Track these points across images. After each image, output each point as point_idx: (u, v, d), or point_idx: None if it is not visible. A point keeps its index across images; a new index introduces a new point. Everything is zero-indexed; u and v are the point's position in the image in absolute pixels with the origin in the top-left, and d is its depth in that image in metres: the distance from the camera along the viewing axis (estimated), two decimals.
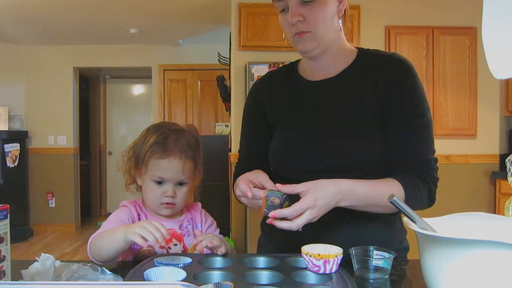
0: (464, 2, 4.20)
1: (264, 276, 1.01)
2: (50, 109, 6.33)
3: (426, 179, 1.18)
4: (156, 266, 1.04)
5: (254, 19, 4.14)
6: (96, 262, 1.16)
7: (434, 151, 1.22)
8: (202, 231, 1.36)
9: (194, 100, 6.68)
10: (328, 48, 1.25)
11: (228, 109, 4.72)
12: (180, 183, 1.30)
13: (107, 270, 1.00)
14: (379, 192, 1.12)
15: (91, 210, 7.51)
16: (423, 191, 1.17)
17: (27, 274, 0.99)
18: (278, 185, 1.07)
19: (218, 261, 1.12)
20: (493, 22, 0.89)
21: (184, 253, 1.28)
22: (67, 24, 5.31)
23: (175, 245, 1.31)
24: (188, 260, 1.09)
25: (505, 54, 0.89)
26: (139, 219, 1.32)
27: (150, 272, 1.00)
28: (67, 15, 4.94)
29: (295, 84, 1.34)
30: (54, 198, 6.39)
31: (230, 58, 4.48)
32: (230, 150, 4.36)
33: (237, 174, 1.33)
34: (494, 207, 4.19)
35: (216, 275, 1.01)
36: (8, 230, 0.92)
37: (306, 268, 1.02)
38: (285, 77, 1.38)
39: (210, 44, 6.13)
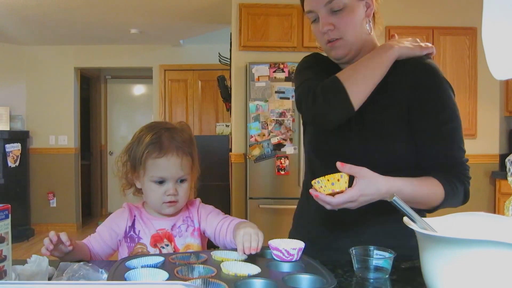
0: (464, 3, 4.22)
1: (240, 266, 1.02)
2: (51, 109, 6.32)
3: (462, 179, 1.21)
4: (132, 268, 1.00)
5: (255, 19, 4.16)
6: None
7: (465, 152, 1.24)
8: (201, 225, 1.36)
9: (195, 100, 6.68)
10: (360, 52, 1.28)
11: (229, 109, 4.73)
12: (181, 180, 1.30)
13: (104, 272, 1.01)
14: (424, 192, 1.16)
15: (92, 210, 7.51)
16: (460, 190, 1.21)
17: (22, 275, 1.00)
18: (338, 164, 1.07)
19: (192, 258, 1.11)
20: (493, 23, 0.89)
21: (157, 254, 1.21)
22: (68, 24, 5.32)
23: (166, 245, 1.30)
24: (161, 259, 1.06)
25: (505, 55, 0.89)
26: (133, 221, 1.33)
27: (130, 275, 0.96)
28: (68, 15, 4.95)
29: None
30: (55, 198, 6.39)
31: (230, 58, 4.49)
32: (230, 150, 4.37)
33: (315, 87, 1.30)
34: (494, 207, 4.21)
35: (196, 271, 1.00)
36: (9, 229, 0.92)
37: (275, 259, 1.09)
38: (331, 65, 1.37)
39: (211, 44, 6.13)
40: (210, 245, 1.41)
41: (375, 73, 1.19)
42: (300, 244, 1.09)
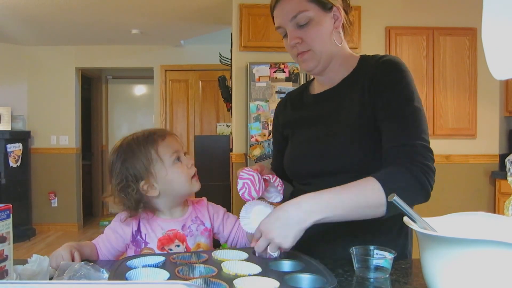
0: (464, 3, 4.22)
1: (241, 266, 1.03)
2: (52, 109, 6.34)
3: (409, 167, 1.09)
4: (133, 268, 1.00)
5: (255, 19, 4.16)
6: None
7: (424, 139, 1.14)
8: (213, 225, 1.37)
9: (196, 100, 6.69)
10: (330, 62, 1.31)
11: (230, 109, 4.73)
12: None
13: (105, 272, 1.02)
14: (351, 193, 1.07)
15: (93, 210, 7.52)
16: (408, 181, 1.08)
17: (23, 275, 1.00)
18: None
19: (192, 257, 1.11)
20: (493, 23, 0.89)
21: (156, 253, 1.23)
22: (69, 24, 5.32)
23: (178, 246, 1.29)
24: (161, 258, 1.07)
25: (504, 55, 0.89)
26: (139, 225, 1.31)
27: (132, 275, 0.96)
28: (69, 15, 4.95)
29: (304, 101, 1.43)
30: (56, 198, 6.41)
31: (231, 59, 4.48)
32: (231, 150, 4.38)
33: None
34: (494, 207, 4.21)
35: (197, 270, 1.00)
36: (10, 229, 0.92)
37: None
38: (298, 96, 1.47)
39: (212, 45, 6.14)
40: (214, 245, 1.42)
41: None
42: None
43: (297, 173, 1.38)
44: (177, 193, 1.32)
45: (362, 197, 1.07)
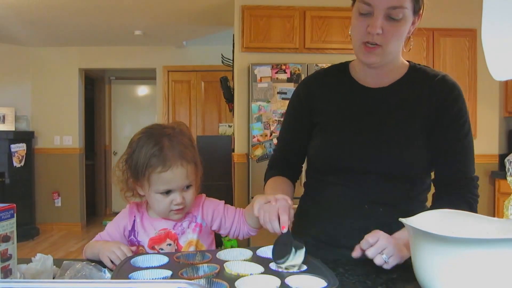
0: (464, 5, 4.24)
1: (243, 266, 1.03)
2: (56, 109, 6.36)
3: (468, 199, 1.23)
4: (137, 268, 1.00)
5: (257, 21, 4.18)
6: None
7: (474, 170, 1.28)
8: (205, 220, 1.33)
9: (198, 101, 6.71)
10: (389, 61, 1.28)
11: (232, 109, 4.75)
12: (187, 187, 1.26)
13: (107, 271, 1.03)
14: None
15: (96, 209, 7.54)
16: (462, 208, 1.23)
17: (27, 274, 1.00)
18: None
19: (197, 256, 1.11)
20: (493, 25, 0.91)
21: (162, 253, 1.21)
22: (73, 26, 5.35)
23: (169, 244, 1.28)
24: (165, 259, 1.06)
25: (504, 56, 0.91)
26: (133, 225, 1.31)
27: (135, 276, 0.96)
28: (72, 17, 4.98)
29: (348, 87, 1.36)
30: (60, 198, 6.43)
31: (233, 60, 4.50)
32: (233, 150, 4.40)
33: (271, 167, 1.50)
34: (494, 206, 4.23)
35: (200, 270, 1.01)
36: (14, 229, 0.92)
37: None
38: (338, 78, 1.39)
39: (214, 46, 6.16)
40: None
41: None
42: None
43: (334, 167, 1.33)
44: (154, 212, 1.30)
45: None
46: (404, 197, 1.29)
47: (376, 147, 1.27)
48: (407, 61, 1.36)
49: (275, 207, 1.12)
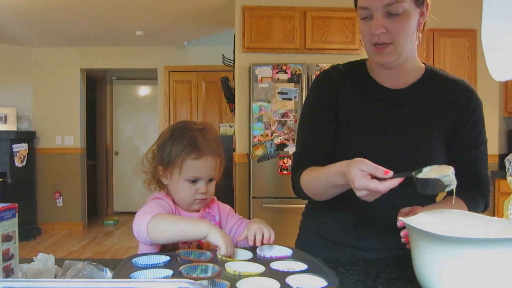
0: (464, 5, 4.25)
1: (244, 265, 1.03)
2: (57, 110, 6.38)
3: (485, 195, 1.32)
4: (138, 267, 1.01)
5: (258, 21, 4.19)
6: (151, 242, 1.18)
7: (488, 169, 1.35)
8: (221, 221, 1.39)
9: (199, 101, 6.72)
10: (403, 60, 1.26)
11: (232, 110, 4.75)
12: (210, 179, 1.33)
13: (108, 271, 1.03)
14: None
15: (97, 209, 7.55)
16: (481, 204, 1.32)
17: (29, 273, 1.01)
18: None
19: (197, 255, 1.11)
20: (493, 25, 0.93)
21: (163, 252, 1.20)
22: (74, 26, 5.37)
23: None
24: (166, 258, 1.07)
25: (504, 56, 0.92)
26: (170, 209, 1.32)
27: (136, 276, 0.96)
28: (74, 17, 5.00)
29: (368, 87, 1.34)
30: (61, 197, 6.46)
31: (234, 60, 4.50)
32: (234, 150, 4.41)
33: (299, 169, 1.34)
34: (494, 206, 4.23)
35: (201, 269, 1.01)
36: (16, 228, 0.92)
37: (282, 258, 1.09)
38: (358, 77, 1.37)
39: (215, 46, 6.17)
40: None
41: (329, 191, 1.23)
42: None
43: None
44: (177, 201, 1.34)
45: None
46: (418, 199, 1.23)
47: (397, 150, 1.28)
48: (423, 63, 1.37)
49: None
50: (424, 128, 1.28)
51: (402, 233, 1.12)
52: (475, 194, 1.30)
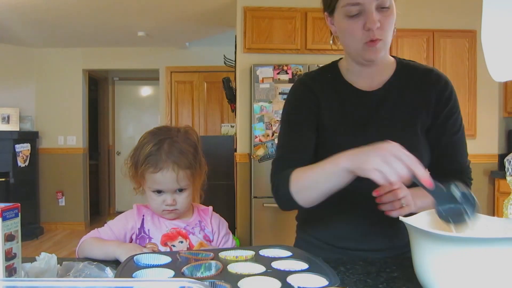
0: (464, 6, 4.27)
1: (245, 265, 1.03)
2: (60, 110, 6.39)
3: (467, 183, 1.30)
4: (140, 266, 1.01)
5: (259, 22, 4.21)
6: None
7: (468, 154, 1.33)
8: (213, 241, 1.37)
9: (201, 101, 6.73)
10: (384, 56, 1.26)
11: (234, 110, 4.77)
12: (180, 190, 1.30)
13: (109, 270, 1.04)
14: None
15: (100, 209, 7.56)
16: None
17: (31, 272, 1.01)
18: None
19: (199, 255, 1.10)
20: (493, 26, 0.94)
21: (165, 252, 1.22)
22: (77, 27, 5.39)
23: (181, 242, 1.31)
24: (168, 258, 1.07)
25: (504, 57, 0.94)
26: (142, 222, 1.33)
27: (138, 275, 0.96)
28: (76, 18, 5.02)
29: (344, 90, 1.31)
30: (64, 197, 6.47)
31: (235, 60, 4.51)
32: (235, 150, 4.43)
33: (281, 171, 1.27)
34: (493, 206, 4.26)
35: (202, 268, 1.01)
36: (19, 228, 0.92)
37: (283, 258, 1.08)
38: (330, 79, 1.34)
39: (216, 47, 6.16)
40: None
41: (325, 184, 1.11)
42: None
43: None
44: (152, 209, 1.36)
45: None
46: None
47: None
48: (393, 57, 1.35)
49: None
50: (405, 124, 1.26)
51: (374, 193, 1.13)
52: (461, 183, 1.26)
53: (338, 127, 1.29)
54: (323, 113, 1.30)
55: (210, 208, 1.43)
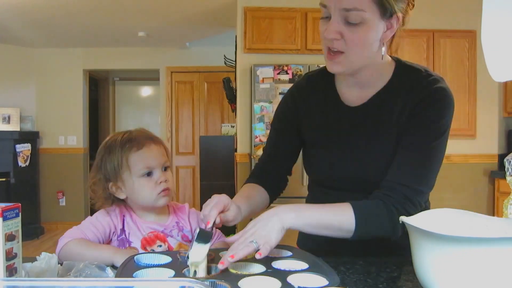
0: (464, 6, 4.27)
1: (244, 265, 1.03)
2: (60, 110, 6.40)
3: (394, 208, 1.10)
4: (140, 266, 1.01)
5: (259, 22, 4.21)
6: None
7: (427, 185, 1.14)
8: (191, 233, 1.34)
9: (201, 102, 6.74)
10: (360, 69, 1.16)
11: (234, 110, 4.77)
12: (165, 169, 1.30)
13: (109, 270, 1.03)
14: (327, 215, 1.11)
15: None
16: (382, 219, 1.10)
17: (32, 272, 1.00)
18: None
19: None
20: (493, 26, 0.93)
21: (165, 252, 1.22)
22: (77, 27, 5.39)
23: (159, 246, 1.29)
24: (168, 259, 1.06)
25: (504, 57, 0.93)
26: (123, 224, 1.30)
27: (139, 275, 0.96)
28: (77, 18, 5.02)
29: (329, 103, 1.28)
30: (64, 197, 6.48)
31: (235, 61, 4.51)
32: (235, 150, 4.42)
33: (251, 176, 1.39)
34: (493, 206, 4.26)
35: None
36: (19, 228, 0.92)
37: (282, 258, 1.08)
38: (321, 88, 1.30)
39: (217, 47, 6.17)
40: None
41: None
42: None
43: (330, 178, 1.29)
44: (142, 203, 1.30)
45: (336, 221, 1.10)
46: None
47: (365, 164, 1.21)
48: (395, 60, 1.24)
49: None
50: (388, 138, 1.18)
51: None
52: (381, 204, 1.11)
53: (316, 140, 1.30)
54: (308, 123, 1.31)
55: (186, 205, 1.40)
